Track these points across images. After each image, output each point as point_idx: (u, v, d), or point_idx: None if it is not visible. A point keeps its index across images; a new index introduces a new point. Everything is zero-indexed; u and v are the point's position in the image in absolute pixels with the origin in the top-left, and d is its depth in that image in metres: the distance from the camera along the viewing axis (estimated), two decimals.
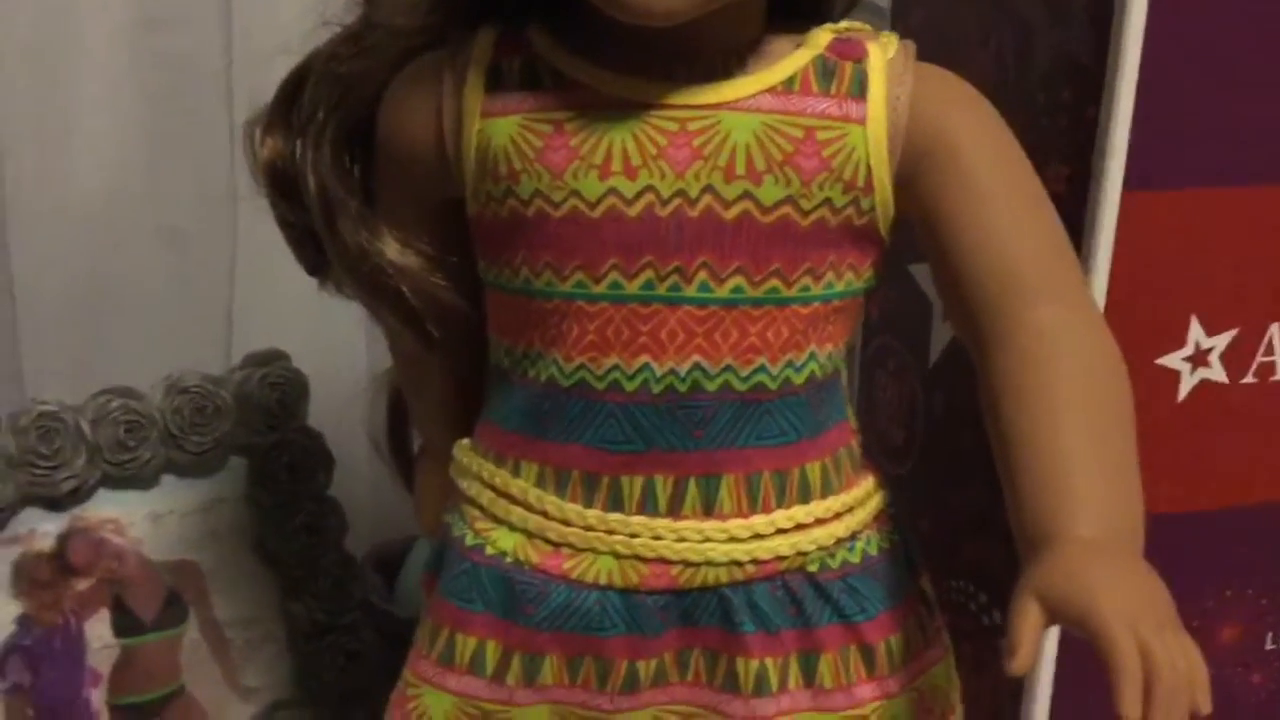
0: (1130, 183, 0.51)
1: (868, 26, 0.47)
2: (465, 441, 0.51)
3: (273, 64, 0.51)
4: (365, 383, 0.86)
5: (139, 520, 0.75)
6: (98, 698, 0.74)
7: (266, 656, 0.80)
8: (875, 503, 0.49)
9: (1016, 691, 0.57)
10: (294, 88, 0.50)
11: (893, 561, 0.49)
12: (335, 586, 0.81)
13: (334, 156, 0.48)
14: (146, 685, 0.75)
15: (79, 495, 0.74)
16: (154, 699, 0.76)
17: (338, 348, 0.82)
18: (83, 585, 0.74)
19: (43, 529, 0.73)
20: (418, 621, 0.84)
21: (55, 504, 0.73)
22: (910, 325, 0.63)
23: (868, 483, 0.49)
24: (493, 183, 0.45)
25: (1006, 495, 0.43)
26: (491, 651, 0.47)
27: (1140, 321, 0.53)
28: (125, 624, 0.75)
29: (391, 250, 0.48)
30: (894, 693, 0.48)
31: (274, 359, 0.79)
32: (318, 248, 0.51)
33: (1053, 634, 0.55)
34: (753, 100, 0.44)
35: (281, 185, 0.50)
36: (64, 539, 0.73)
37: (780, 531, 0.46)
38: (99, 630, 0.74)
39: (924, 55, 0.46)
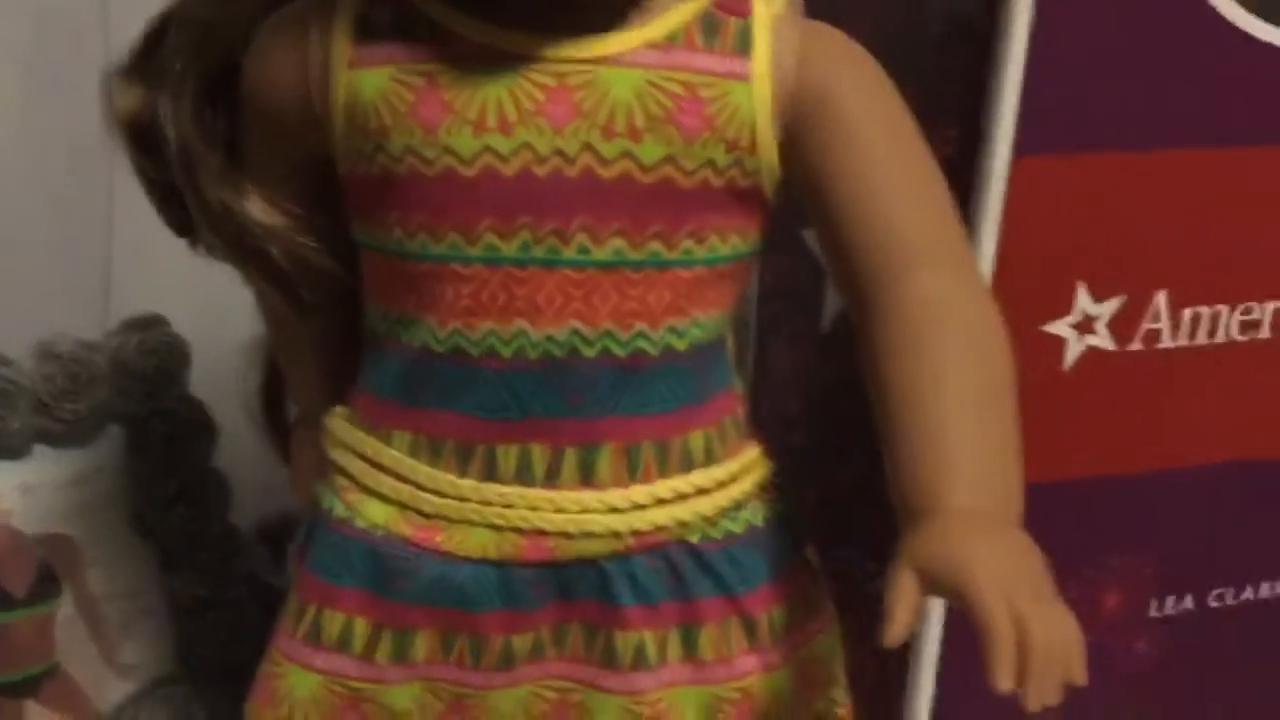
0: (1020, 148, 0.50)
1: None
2: (339, 410, 0.49)
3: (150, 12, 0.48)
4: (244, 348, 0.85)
5: (9, 491, 0.72)
6: None
7: (146, 632, 0.77)
8: (759, 472, 0.48)
9: (902, 660, 0.57)
10: (156, 36, 0.48)
11: (777, 532, 0.48)
12: (218, 561, 0.79)
13: (194, 109, 0.46)
14: (17, 663, 0.73)
15: None
16: (26, 678, 0.73)
17: (220, 312, 0.79)
18: None
19: None
20: None
21: None
22: (803, 291, 0.62)
23: (752, 452, 0.48)
24: (362, 139, 0.43)
25: (886, 464, 0.42)
26: (360, 628, 0.46)
27: (1027, 288, 0.53)
28: None
29: (256, 209, 0.45)
30: (775, 664, 0.47)
31: (153, 324, 0.76)
32: (184, 206, 0.49)
33: (938, 602, 0.55)
34: (633, 54, 0.42)
35: (141, 139, 0.48)
36: None
37: (661, 502, 0.45)
38: None
39: (810, 13, 0.45)
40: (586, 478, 0.44)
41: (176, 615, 0.78)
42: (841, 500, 0.60)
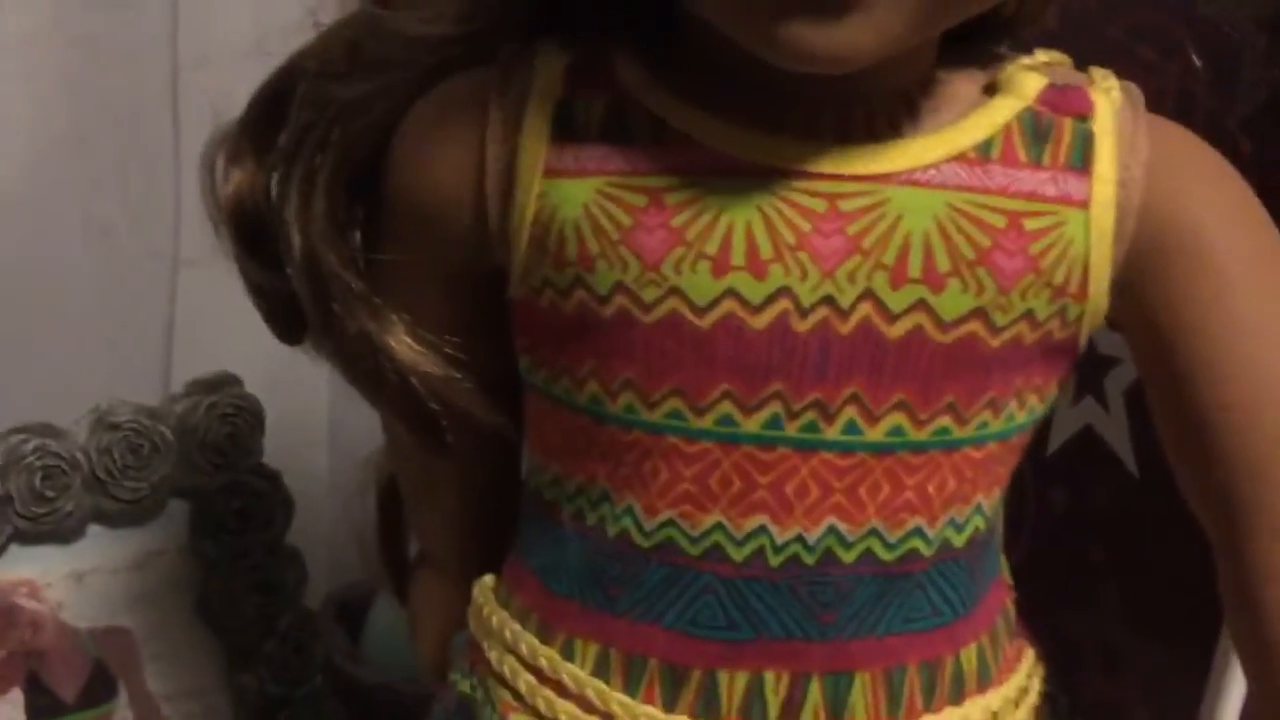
0: None
1: (1067, 59, 0.35)
2: (489, 582, 0.38)
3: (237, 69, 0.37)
4: (325, 407, 0.75)
5: (58, 581, 0.63)
6: None
7: None
8: (1037, 687, 0.37)
9: None
10: (270, 106, 0.37)
11: None
12: (292, 651, 0.69)
13: (328, 212, 0.35)
14: None
15: None
16: None
17: (292, 367, 0.69)
18: None
19: None
20: (388, 688, 0.73)
21: None
22: None
23: (1027, 661, 0.37)
24: (554, 267, 0.32)
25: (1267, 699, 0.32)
26: None
27: None
28: (42, 705, 0.63)
29: (404, 349, 0.35)
30: None
31: (224, 384, 0.66)
32: (297, 314, 0.38)
33: None
34: (935, 171, 0.31)
35: (252, 238, 0.37)
36: None
37: None
38: (10, 713, 0.62)
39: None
40: (834, 716, 0.34)
41: (244, 715, 0.68)
42: (1071, 662, 0.49)
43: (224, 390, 0.66)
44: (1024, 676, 0.37)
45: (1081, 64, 0.35)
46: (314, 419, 0.75)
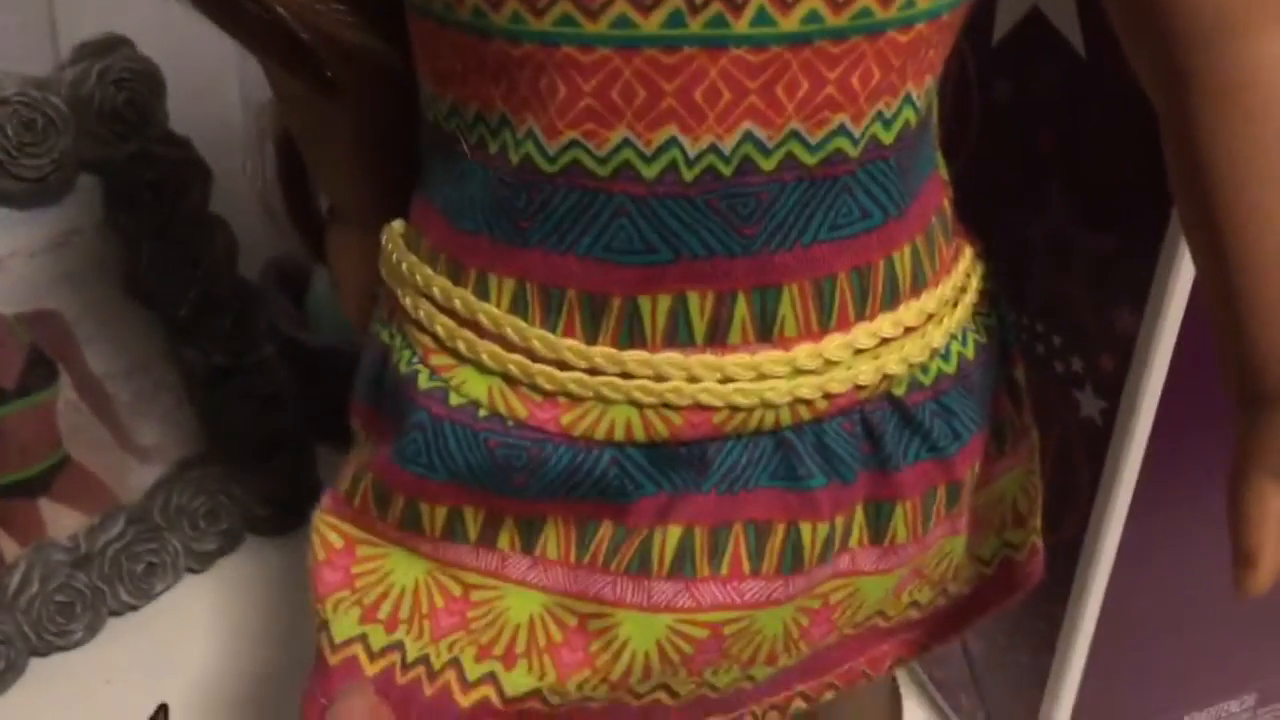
0: None
1: None
2: (398, 227, 0.36)
3: None
4: (235, 68, 0.70)
5: None
6: None
7: (161, 410, 0.67)
8: (975, 285, 0.36)
9: (1095, 455, 0.46)
10: None
11: (989, 358, 0.37)
12: (232, 322, 0.67)
13: None
14: (22, 460, 0.63)
15: None
16: (33, 475, 0.64)
17: (188, 25, 0.64)
18: None
19: None
20: (338, 351, 0.72)
21: None
22: None
23: (965, 259, 0.36)
24: None
25: (1215, 307, 0.30)
26: (471, 518, 0.35)
27: None
28: None
29: None
30: (960, 529, 0.37)
31: (114, 46, 0.62)
32: None
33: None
34: None
35: None
36: None
37: (860, 352, 0.33)
38: None
39: None
40: (764, 332, 0.32)
41: (194, 389, 0.68)
42: (1019, 257, 0.48)
43: (115, 53, 0.61)
44: (961, 275, 0.36)
45: None
46: (222, 77, 0.70)
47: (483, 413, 0.33)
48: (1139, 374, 0.44)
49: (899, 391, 0.34)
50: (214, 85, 0.70)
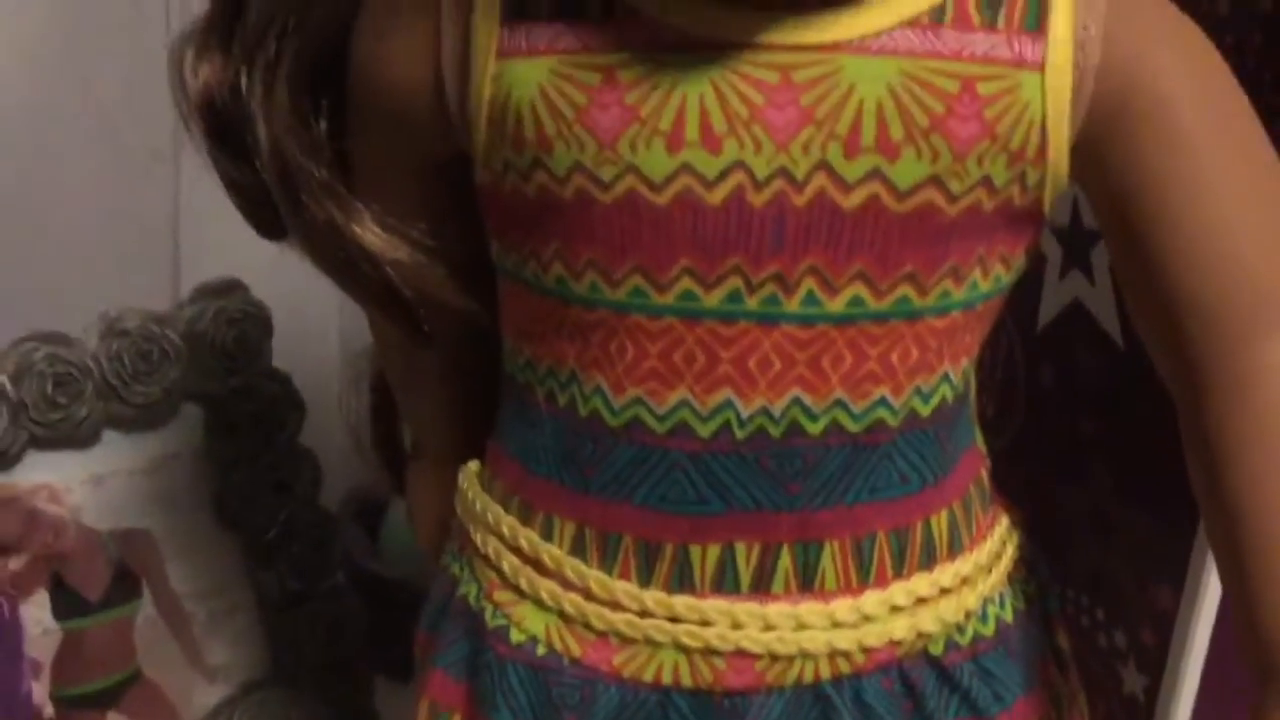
0: None
1: None
2: (474, 468, 0.39)
3: None
4: (335, 312, 0.75)
5: (77, 485, 0.64)
6: (40, 690, 0.64)
7: (234, 631, 0.70)
8: (1010, 553, 0.38)
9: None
10: (234, 1, 0.37)
11: (1030, 624, 0.38)
12: (311, 549, 0.70)
13: (291, 104, 0.35)
14: (96, 673, 0.65)
15: (4, 461, 0.62)
16: (106, 688, 0.66)
17: (299, 271, 0.69)
18: (15, 564, 0.63)
19: None
20: (406, 584, 0.74)
21: None
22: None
23: (1001, 527, 0.38)
24: (514, 149, 0.33)
25: (1229, 585, 0.32)
26: None
27: None
28: (67, 605, 0.65)
29: (373, 237, 0.35)
30: None
31: (230, 289, 0.67)
32: (275, 211, 0.38)
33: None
34: (888, 37, 0.31)
35: (221, 130, 0.37)
36: None
37: (897, 610, 0.35)
38: (37, 614, 0.64)
39: None
40: (806, 584, 0.35)
41: (267, 611, 0.70)
42: (1062, 530, 0.50)
43: (231, 296, 0.67)
44: (997, 542, 0.38)
45: None
46: (324, 321, 0.76)
47: (541, 650, 0.36)
48: (1179, 652, 0.45)
49: (936, 650, 0.36)
50: (316, 328, 0.75)
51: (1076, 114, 0.32)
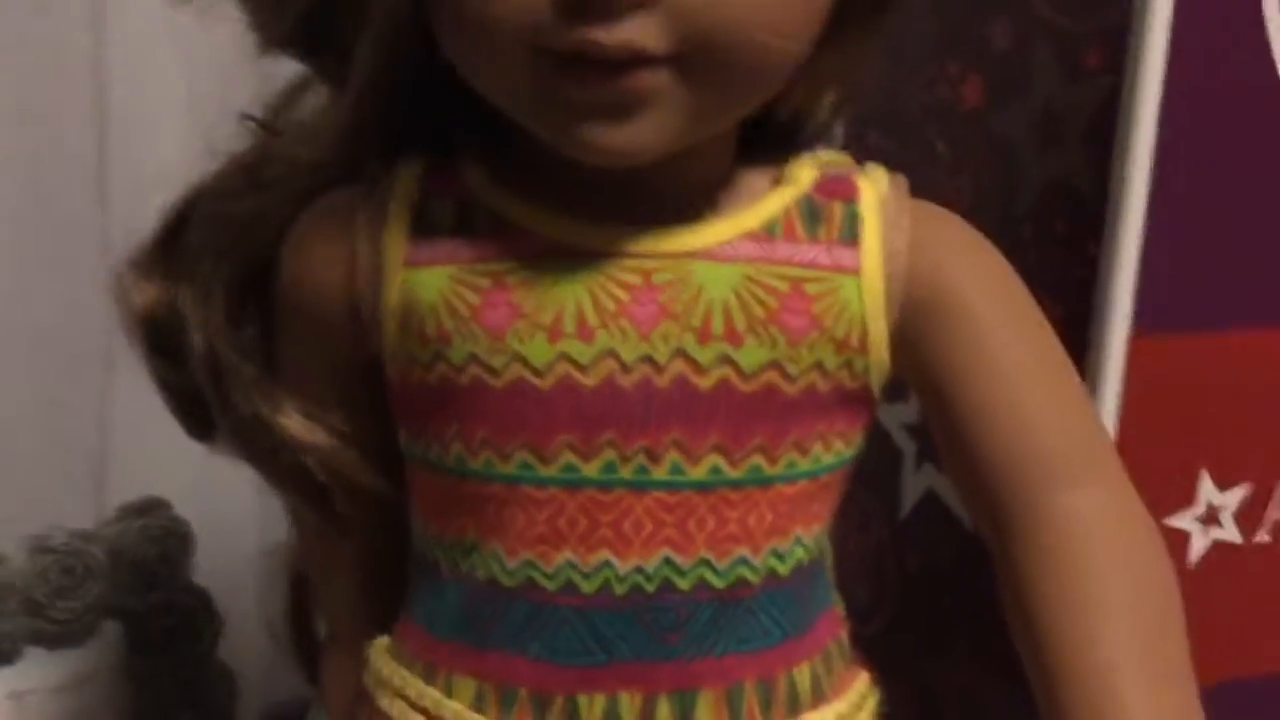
0: (1137, 326, 0.45)
1: (847, 158, 0.41)
2: (383, 642, 0.43)
3: (151, 198, 0.43)
4: (254, 528, 0.79)
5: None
6: None
7: None
8: (870, 706, 0.42)
9: None
10: (175, 227, 0.43)
11: None
12: None
13: (226, 312, 0.40)
14: None
15: None
16: None
17: (222, 490, 0.73)
18: None
19: None
20: None
21: None
22: (877, 473, 0.56)
23: (860, 683, 0.42)
24: (419, 344, 0.38)
25: (1041, 706, 0.36)
26: None
27: (1147, 479, 0.47)
28: None
29: (295, 425, 0.40)
30: None
31: (153, 508, 0.71)
32: (205, 411, 0.43)
33: None
34: (730, 247, 0.37)
35: (159, 342, 0.42)
36: None
37: None
38: None
39: None
40: None
41: None
42: (933, 707, 0.54)
43: (154, 514, 0.71)
44: (858, 695, 0.42)
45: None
46: (243, 535, 0.79)
47: None
48: None
49: None
50: (234, 539, 0.78)
51: (890, 312, 0.38)
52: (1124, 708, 0.35)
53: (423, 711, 0.40)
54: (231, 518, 0.76)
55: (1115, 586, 0.36)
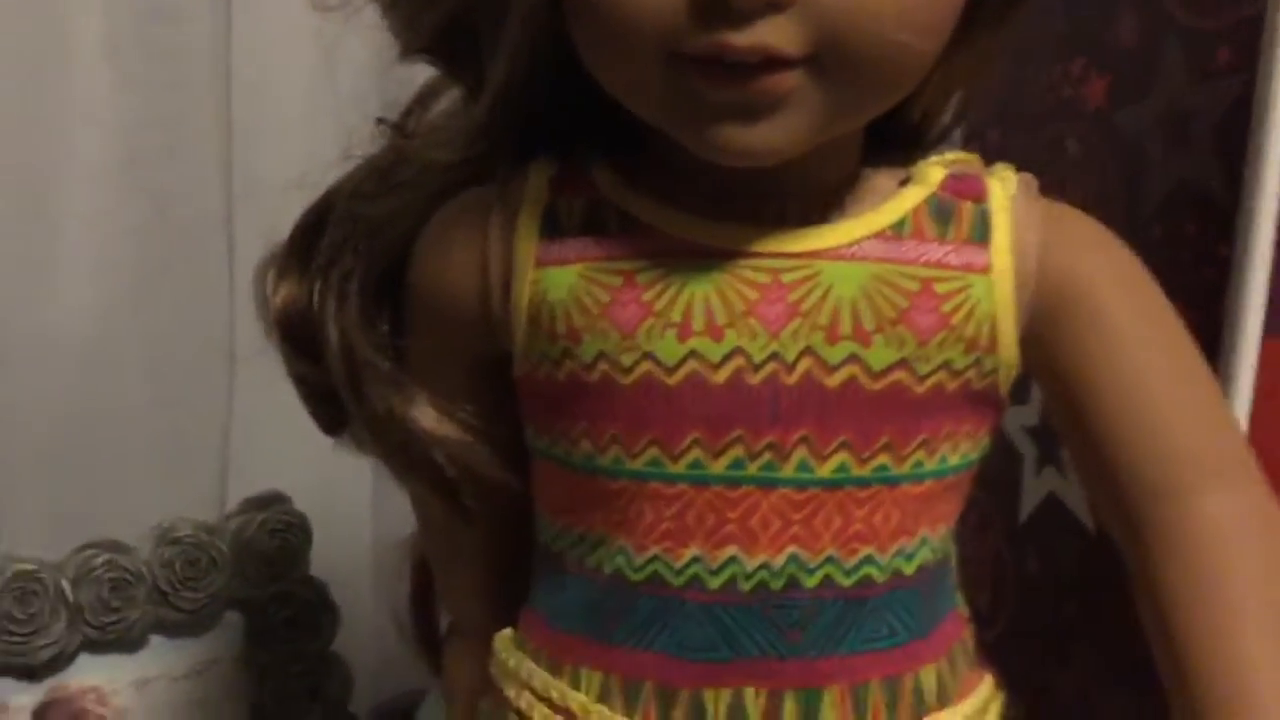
0: (1270, 328, 0.44)
1: (975, 157, 0.41)
2: (508, 634, 0.43)
3: (285, 200, 0.45)
4: (369, 523, 0.81)
5: (124, 688, 0.67)
6: None
7: None
8: (996, 710, 0.42)
9: None
10: (312, 228, 0.44)
11: None
12: None
13: (361, 309, 0.41)
14: None
15: (58, 663, 0.66)
16: None
17: (335, 484, 0.75)
18: None
19: (17, 702, 0.65)
20: None
21: (32, 673, 0.65)
22: (996, 476, 0.56)
23: (985, 686, 0.42)
24: (548, 342, 0.39)
25: (1176, 707, 0.36)
26: None
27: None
28: None
29: (427, 418, 0.41)
30: None
31: (274, 501, 0.72)
32: (338, 406, 0.44)
33: None
34: (857, 247, 0.37)
35: (297, 338, 0.44)
36: (39, 713, 0.65)
37: None
38: None
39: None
40: None
41: None
42: (1057, 714, 0.53)
43: (274, 507, 0.72)
44: (982, 700, 0.42)
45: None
46: (359, 531, 0.81)
47: None
48: None
49: None
50: (350, 534, 0.80)
51: (1021, 311, 0.38)
52: (1260, 703, 0.34)
53: (548, 702, 0.40)
54: (348, 513, 0.78)
55: (1254, 591, 0.36)
